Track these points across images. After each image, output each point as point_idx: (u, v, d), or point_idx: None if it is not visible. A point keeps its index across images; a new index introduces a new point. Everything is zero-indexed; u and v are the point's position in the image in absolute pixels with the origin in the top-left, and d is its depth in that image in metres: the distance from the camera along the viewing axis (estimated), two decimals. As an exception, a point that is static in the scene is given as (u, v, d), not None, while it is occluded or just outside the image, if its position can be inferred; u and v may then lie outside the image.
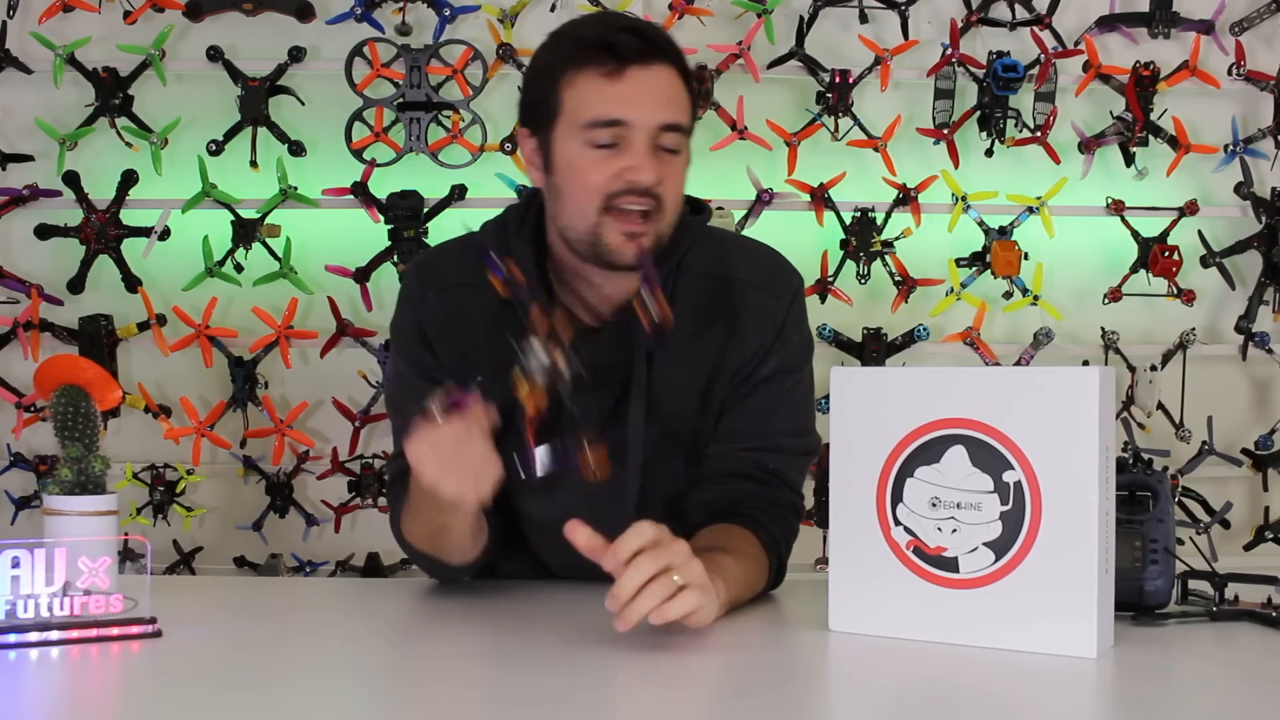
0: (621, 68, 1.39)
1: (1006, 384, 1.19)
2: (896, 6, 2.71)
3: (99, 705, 1.07)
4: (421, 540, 1.47)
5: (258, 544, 2.76)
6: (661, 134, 1.41)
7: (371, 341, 2.69)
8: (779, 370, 1.51)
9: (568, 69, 1.42)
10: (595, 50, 1.40)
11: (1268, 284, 2.76)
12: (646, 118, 1.39)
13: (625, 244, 1.41)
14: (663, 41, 1.43)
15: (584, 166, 1.41)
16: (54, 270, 2.73)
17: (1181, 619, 1.32)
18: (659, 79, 1.41)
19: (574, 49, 1.42)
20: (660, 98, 1.40)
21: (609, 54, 1.39)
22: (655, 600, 1.16)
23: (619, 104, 1.39)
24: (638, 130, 1.39)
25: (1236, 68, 2.73)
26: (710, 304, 1.51)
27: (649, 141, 1.40)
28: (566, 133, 1.42)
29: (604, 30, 1.42)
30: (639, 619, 1.16)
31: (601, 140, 1.40)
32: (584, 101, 1.40)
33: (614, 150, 1.40)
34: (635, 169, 1.39)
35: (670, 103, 1.41)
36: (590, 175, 1.41)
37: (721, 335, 1.50)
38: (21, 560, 1.19)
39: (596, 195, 1.40)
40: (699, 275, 1.51)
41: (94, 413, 1.47)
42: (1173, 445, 2.72)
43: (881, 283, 2.73)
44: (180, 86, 2.72)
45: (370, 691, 1.10)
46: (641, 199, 1.40)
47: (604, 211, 1.41)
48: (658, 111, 1.40)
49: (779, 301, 1.52)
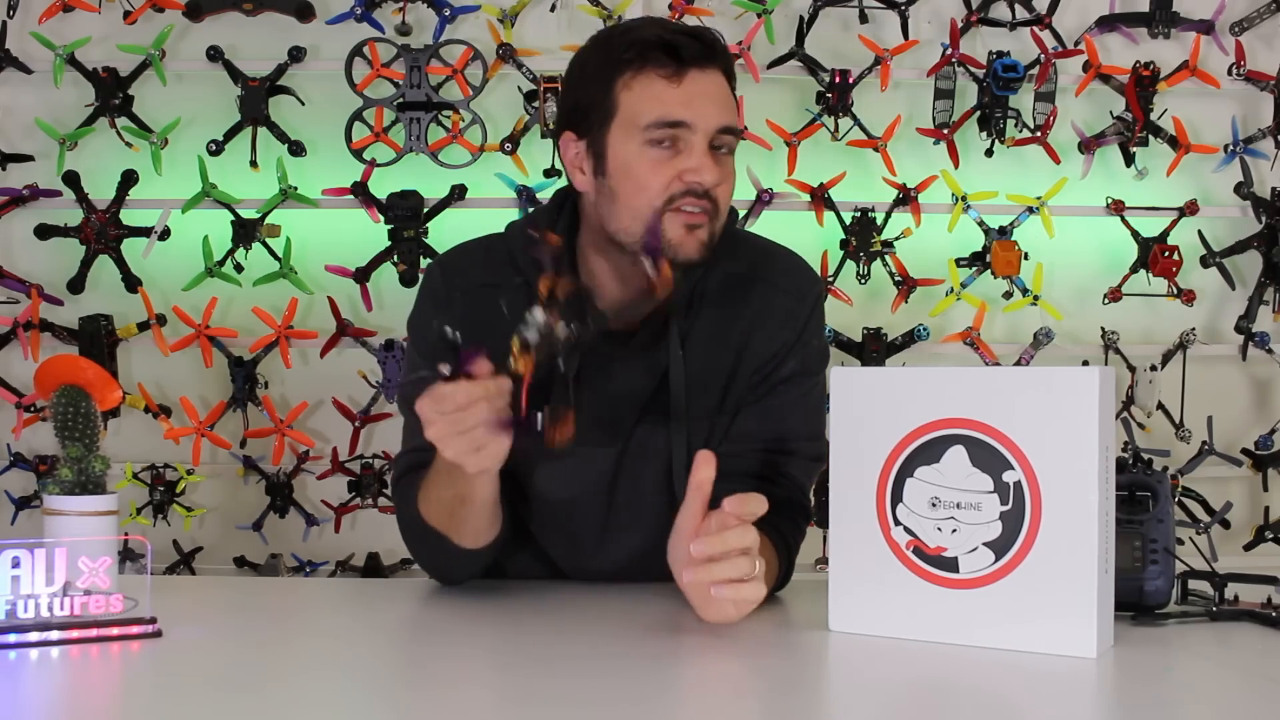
0: (683, 70, 1.40)
1: (1006, 384, 1.19)
2: (896, 6, 2.71)
3: (99, 705, 1.07)
4: (437, 517, 1.44)
5: (258, 544, 2.76)
6: (719, 136, 1.42)
7: (371, 341, 2.69)
8: (797, 373, 1.52)
9: (624, 71, 1.42)
10: (656, 52, 1.41)
11: (1268, 284, 2.76)
12: (707, 120, 1.41)
13: (686, 237, 1.42)
14: (719, 47, 1.45)
15: (643, 167, 1.41)
16: (54, 270, 2.73)
17: (1181, 619, 1.32)
18: (715, 83, 1.43)
19: (632, 51, 1.42)
20: (718, 101, 1.42)
21: (670, 56, 1.40)
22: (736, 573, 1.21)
23: (681, 105, 1.40)
24: (698, 132, 1.41)
25: (1236, 68, 2.73)
26: (734, 303, 1.52)
27: (707, 144, 1.41)
28: (623, 134, 1.42)
29: (662, 32, 1.43)
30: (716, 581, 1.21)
31: (662, 140, 1.41)
32: (644, 103, 1.41)
33: (672, 151, 1.41)
34: (696, 170, 1.40)
35: (727, 106, 1.44)
36: (650, 176, 1.41)
37: (744, 334, 1.51)
38: (21, 560, 1.19)
39: (658, 196, 1.41)
40: (724, 274, 1.52)
41: (94, 413, 1.47)
42: (1173, 445, 2.72)
43: (881, 283, 2.73)
44: (180, 86, 2.72)
45: (370, 692, 1.10)
46: (700, 200, 1.41)
47: (661, 211, 1.41)
48: (717, 114, 1.41)
49: (802, 304, 1.53)
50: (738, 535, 1.22)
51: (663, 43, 1.40)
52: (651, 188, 1.41)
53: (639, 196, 1.42)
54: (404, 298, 2.70)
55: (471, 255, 1.59)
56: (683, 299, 1.50)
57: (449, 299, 1.53)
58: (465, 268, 1.56)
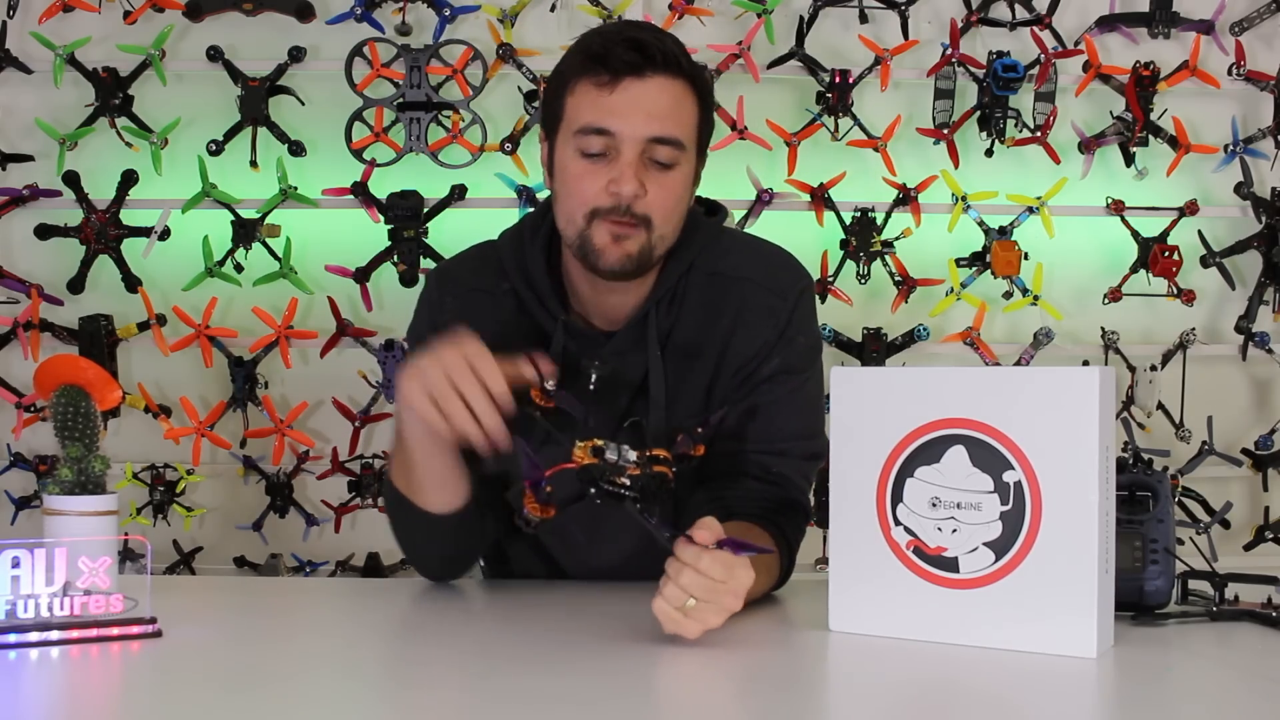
0: (615, 79, 1.40)
1: (1006, 384, 1.19)
2: (896, 6, 2.71)
3: (99, 705, 1.07)
4: (401, 479, 1.46)
5: (258, 544, 2.76)
6: (652, 147, 1.40)
7: (371, 341, 2.69)
8: (781, 371, 1.51)
9: (570, 78, 1.43)
10: (593, 61, 1.41)
11: (1268, 284, 2.76)
12: (634, 129, 1.39)
13: (609, 246, 1.42)
14: (663, 54, 1.41)
15: (575, 173, 1.42)
16: (54, 270, 2.73)
17: (1181, 619, 1.32)
18: (655, 91, 1.40)
19: (578, 58, 1.43)
20: (651, 111, 1.40)
21: (602, 65, 1.40)
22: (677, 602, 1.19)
23: (607, 114, 1.40)
24: (626, 141, 1.40)
25: (1236, 68, 2.73)
26: (716, 302, 1.51)
27: (636, 154, 1.40)
28: (565, 139, 1.44)
29: (605, 41, 1.42)
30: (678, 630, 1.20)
31: (591, 149, 1.41)
32: (580, 109, 1.42)
33: (604, 161, 1.41)
34: (617, 180, 1.40)
35: (664, 116, 1.41)
36: (579, 183, 1.42)
37: (725, 334, 1.50)
38: (21, 560, 1.19)
39: (586, 203, 1.42)
40: (706, 274, 1.52)
41: (94, 413, 1.47)
42: (1173, 445, 2.72)
43: (881, 283, 2.73)
44: (180, 86, 2.72)
45: (370, 691, 1.10)
46: (624, 219, 1.41)
47: (591, 218, 1.42)
48: (646, 124, 1.40)
49: (784, 301, 1.52)
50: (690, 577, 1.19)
51: (601, 51, 1.40)
52: (579, 193, 1.42)
53: (571, 201, 1.43)
54: (404, 298, 2.70)
55: (465, 262, 1.62)
56: (663, 299, 1.50)
57: (440, 303, 1.56)
58: (458, 274, 1.59)
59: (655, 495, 1.23)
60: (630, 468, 1.22)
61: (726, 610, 1.20)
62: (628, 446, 1.24)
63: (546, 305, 1.51)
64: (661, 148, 1.41)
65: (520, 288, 1.52)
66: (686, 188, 1.46)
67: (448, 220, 2.69)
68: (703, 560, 1.18)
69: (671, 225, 1.46)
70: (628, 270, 1.44)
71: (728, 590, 1.19)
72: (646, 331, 1.49)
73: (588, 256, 1.44)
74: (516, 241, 1.55)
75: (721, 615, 1.20)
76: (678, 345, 1.50)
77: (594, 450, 1.22)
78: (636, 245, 1.42)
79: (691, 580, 1.18)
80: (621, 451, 1.23)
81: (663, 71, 1.40)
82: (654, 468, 1.23)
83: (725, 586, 1.19)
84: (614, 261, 1.42)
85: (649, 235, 1.43)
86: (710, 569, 1.18)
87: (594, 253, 1.43)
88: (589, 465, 1.22)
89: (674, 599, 1.18)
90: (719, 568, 1.18)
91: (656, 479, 1.23)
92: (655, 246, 1.44)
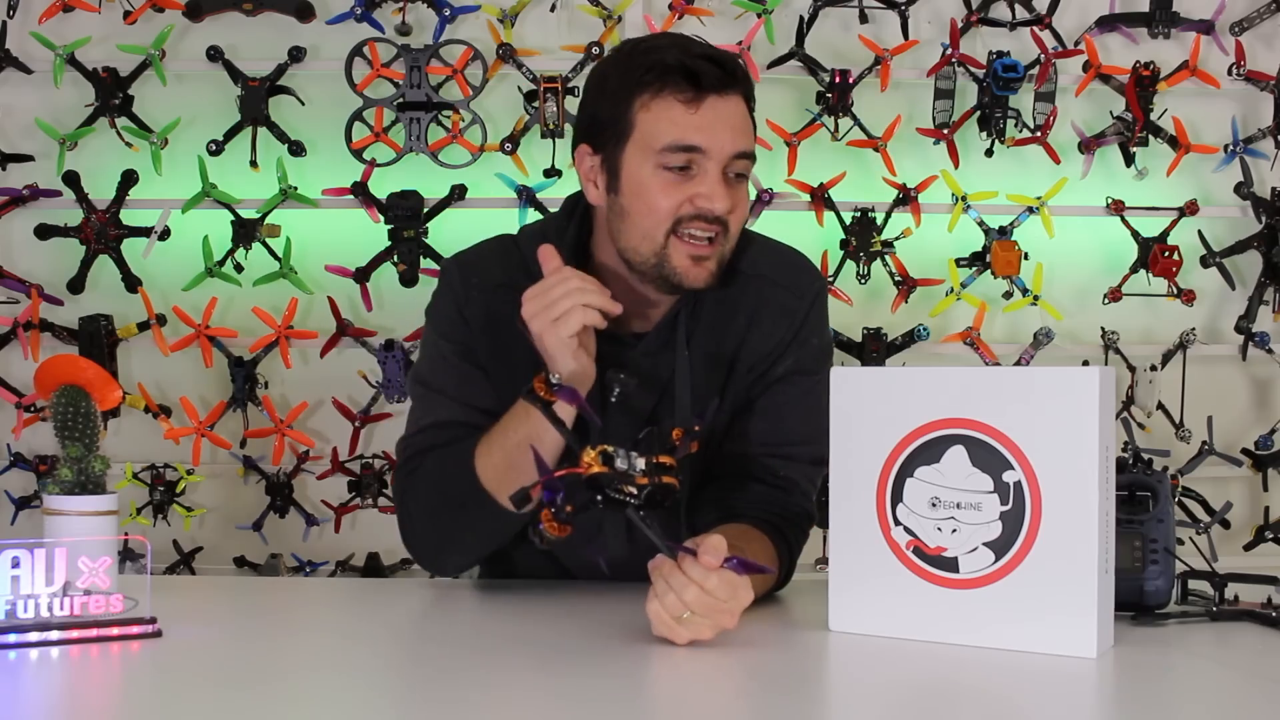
0: (701, 96, 1.41)
1: (1006, 384, 1.19)
2: (896, 6, 2.71)
3: (99, 705, 1.07)
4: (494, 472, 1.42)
5: (258, 544, 2.76)
6: (734, 162, 1.43)
7: (371, 341, 2.69)
8: (793, 371, 1.51)
9: (643, 91, 1.43)
10: (676, 76, 1.42)
11: (1268, 284, 2.76)
12: (722, 146, 1.42)
13: (692, 268, 1.44)
14: (740, 72, 1.46)
15: (656, 189, 1.43)
16: (54, 270, 2.73)
17: (1181, 619, 1.32)
18: (734, 109, 1.44)
19: (652, 73, 1.43)
20: (735, 127, 1.43)
21: (690, 81, 1.41)
22: (675, 612, 1.19)
23: (697, 131, 1.41)
24: (713, 158, 1.42)
25: (1236, 68, 2.73)
26: (732, 300, 1.52)
27: (721, 169, 1.42)
28: (638, 154, 1.44)
29: (684, 56, 1.43)
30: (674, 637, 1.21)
31: (675, 164, 1.42)
32: (661, 126, 1.42)
33: (686, 175, 1.43)
34: (708, 197, 1.42)
35: (743, 132, 1.45)
36: (662, 199, 1.43)
37: (741, 332, 1.51)
38: (21, 560, 1.19)
39: (667, 219, 1.43)
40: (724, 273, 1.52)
41: (94, 413, 1.47)
42: (1173, 445, 2.72)
43: (881, 283, 2.73)
44: (180, 86, 2.72)
45: (370, 691, 1.10)
46: (710, 226, 1.43)
47: (670, 235, 1.43)
48: (732, 140, 1.43)
49: (800, 301, 1.53)
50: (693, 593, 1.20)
51: (684, 67, 1.42)
52: (661, 210, 1.43)
53: (648, 218, 1.44)
54: (404, 298, 2.70)
55: (486, 256, 1.61)
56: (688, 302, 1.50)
57: (466, 296, 1.55)
58: (481, 267, 1.58)
59: (660, 505, 1.23)
60: (639, 476, 1.22)
61: (721, 628, 1.21)
62: (636, 454, 1.24)
63: None
64: (740, 161, 1.45)
65: None
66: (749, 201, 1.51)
67: (448, 220, 2.69)
68: (710, 580, 1.18)
69: (738, 235, 1.49)
70: (713, 285, 1.47)
71: (727, 610, 1.20)
72: (675, 333, 1.50)
73: (668, 276, 1.45)
74: (542, 240, 1.54)
75: (714, 631, 1.21)
76: (696, 344, 1.51)
77: (603, 457, 1.21)
78: (716, 261, 1.46)
79: (695, 598, 1.18)
80: (631, 459, 1.23)
81: (740, 88, 1.45)
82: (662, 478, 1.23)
83: (725, 606, 1.20)
84: (699, 280, 1.45)
85: (723, 248, 1.46)
86: (716, 590, 1.19)
87: (676, 273, 1.44)
88: (598, 474, 1.21)
89: (673, 609, 1.19)
90: (724, 589, 1.19)
91: (663, 489, 1.23)
92: (726, 257, 1.47)
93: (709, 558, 1.18)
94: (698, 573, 1.18)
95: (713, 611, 1.19)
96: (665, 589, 1.19)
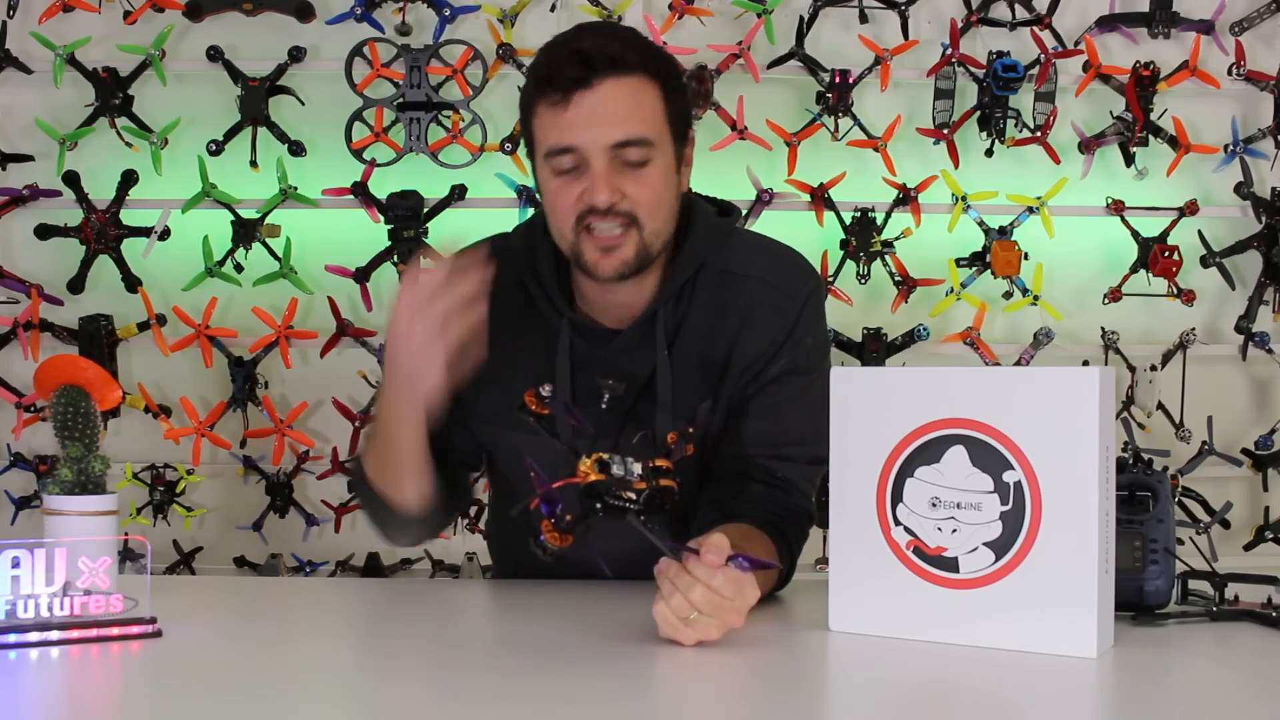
0: (565, 96, 1.41)
1: (1006, 384, 1.19)
2: (896, 6, 2.71)
3: (99, 705, 1.07)
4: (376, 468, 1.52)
5: (258, 544, 2.76)
6: (619, 151, 1.42)
7: (371, 341, 2.69)
8: (787, 371, 1.51)
9: (531, 103, 1.47)
10: (543, 84, 1.44)
11: (1268, 284, 2.76)
12: (594, 139, 1.42)
13: (601, 259, 1.45)
14: (607, 57, 1.41)
15: (552, 193, 1.46)
16: (54, 270, 2.73)
17: (1181, 619, 1.32)
18: (606, 98, 1.41)
19: (532, 82, 1.46)
20: (608, 117, 1.41)
21: (551, 85, 1.42)
22: (683, 613, 1.19)
23: (566, 131, 1.42)
24: (591, 152, 1.42)
25: (1236, 68, 2.73)
26: (724, 301, 1.52)
27: (605, 162, 1.42)
28: (540, 163, 1.47)
29: (550, 61, 1.44)
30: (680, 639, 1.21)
31: (563, 167, 1.44)
32: (544, 132, 1.45)
33: (575, 174, 1.44)
34: (591, 191, 1.42)
35: (622, 118, 1.42)
36: (558, 200, 1.45)
37: (733, 332, 1.51)
38: (21, 560, 1.19)
39: (568, 218, 1.45)
40: (716, 272, 1.53)
41: (94, 413, 1.47)
42: (1173, 445, 2.72)
43: (881, 283, 2.73)
44: (180, 86, 2.72)
45: (370, 691, 1.10)
46: (606, 218, 1.43)
47: (581, 232, 1.45)
48: (605, 131, 1.41)
49: (792, 301, 1.52)
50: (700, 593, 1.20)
51: (548, 70, 1.43)
52: (559, 211, 1.46)
53: (555, 219, 1.47)
54: (404, 298, 2.69)
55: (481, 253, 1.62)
56: (670, 297, 1.50)
57: None
58: None
59: (660, 508, 1.22)
60: (636, 481, 1.21)
61: (727, 627, 1.21)
62: (632, 459, 1.23)
63: (554, 302, 1.52)
64: (628, 149, 1.43)
65: (529, 282, 1.53)
66: (667, 178, 1.47)
67: (448, 220, 2.69)
68: (716, 579, 1.18)
69: (661, 218, 1.47)
70: (626, 274, 1.46)
71: (733, 608, 1.20)
72: (654, 330, 1.49)
73: (585, 270, 1.47)
74: (528, 238, 1.57)
75: (722, 631, 1.21)
76: (685, 344, 1.51)
77: (600, 465, 1.21)
78: (631, 249, 1.45)
79: (702, 597, 1.18)
80: (627, 465, 1.22)
81: (610, 74, 1.41)
82: (659, 481, 1.22)
83: (732, 605, 1.20)
84: (610, 270, 1.45)
85: (640, 234, 1.45)
86: (722, 588, 1.18)
87: (588, 266, 1.46)
88: (595, 481, 1.21)
89: (679, 610, 1.19)
90: (730, 587, 1.19)
91: (662, 492, 1.22)
92: (650, 243, 1.46)
93: (713, 556, 1.18)
94: (703, 572, 1.18)
95: (720, 610, 1.19)
96: (671, 590, 1.19)
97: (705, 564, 1.18)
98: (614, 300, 1.52)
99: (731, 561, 1.19)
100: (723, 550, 1.19)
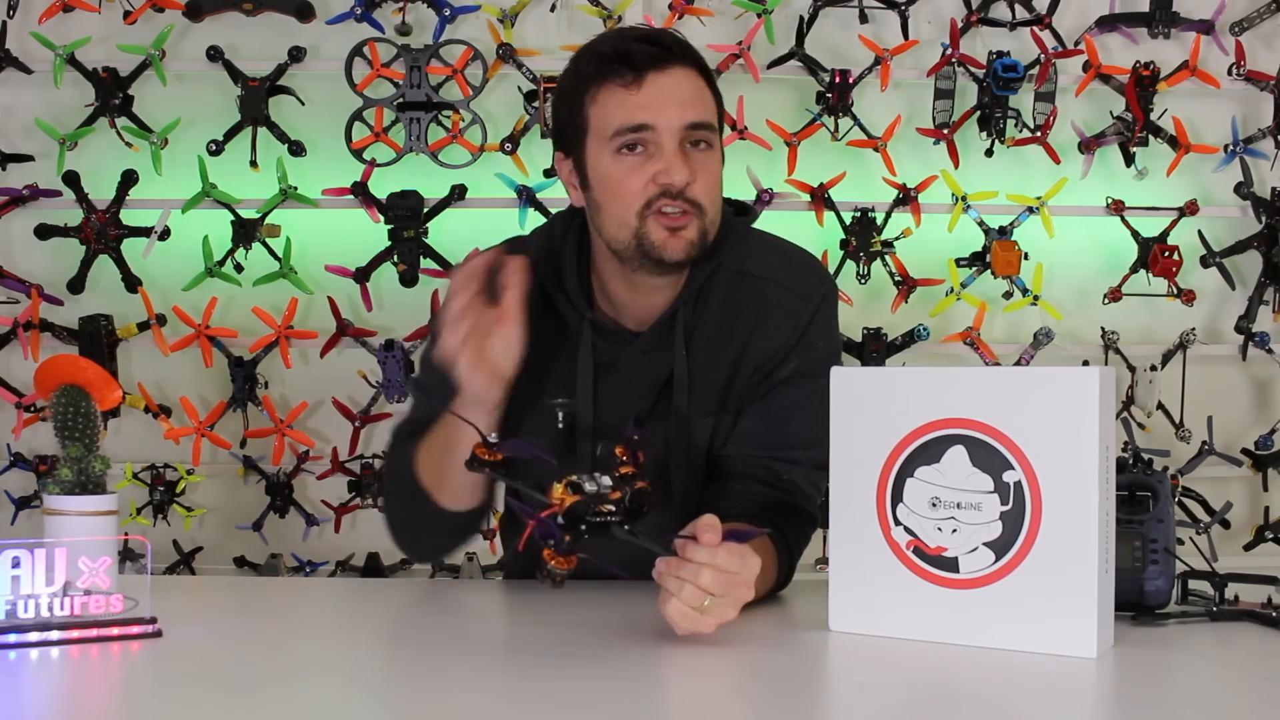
0: (640, 76, 1.42)
1: (1006, 384, 1.19)
2: (896, 6, 2.71)
3: (99, 705, 1.07)
4: (428, 471, 1.48)
5: (258, 544, 2.76)
6: (689, 133, 1.43)
7: (371, 341, 2.69)
8: (798, 374, 1.51)
9: (590, 86, 1.45)
10: (614, 63, 1.43)
11: (1268, 284, 2.76)
12: (670, 119, 1.42)
13: (669, 239, 1.43)
14: (677, 45, 1.46)
15: (618, 175, 1.44)
16: (54, 270, 2.73)
17: (1181, 619, 1.32)
18: (678, 81, 1.44)
19: (593, 66, 1.45)
20: (681, 99, 1.43)
21: (626, 64, 1.42)
22: (694, 602, 1.19)
23: (642, 109, 1.42)
24: (664, 133, 1.42)
25: (1236, 68, 2.73)
26: (738, 301, 1.52)
27: (677, 143, 1.42)
28: (596, 147, 1.45)
29: (619, 43, 1.45)
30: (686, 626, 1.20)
31: (630, 146, 1.43)
32: (609, 113, 1.43)
33: (644, 155, 1.43)
34: (665, 171, 1.42)
35: (694, 102, 1.44)
36: (625, 183, 1.43)
37: (745, 333, 1.51)
38: (21, 560, 1.19)
39: (635, 200, 1.43)
40: (732, 273, 1.53)
41: (94, 413, 1.47)
42: (1173, 445, 2.72)
43: (881, 283, 2.73)
44: (180, 86, 2.72)
45: (370, 691, 1.10)
46: (676, 202, 1.43)
47: (644, 215, 1.43)
48: (680, 112, 1.42)
49: (805, 303, 1.53)
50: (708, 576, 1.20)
51: (618, 53, 1.43)
52: (628, 194, 1.44)
53: (618, 204, 1.45)
54: (404, 298, 2.70)
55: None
56: (689, 298, 1.50)
57: None
58: None
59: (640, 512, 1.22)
60: (611, 493, 1.21)
61: (740, 601, 1.21)
62: (599, 474, 1.23)
63: (574, 303, 1.52)
64: (697, 132, 1.44)
65: (549, 284, 1.53)
66: (721, 171, 1.49)
67: (448, 220, 2.69)
68: (719, 556, 1.19)
69: (717, 208, 1.48)
70: (692, 257, 1.45)
71: (741, 581, 1.21)
72: (674, 330, 1.50)
73: (649, 254, 1.44)
74: (548, 239, 1.57)
75: (736, 608, 1.21)
76: (700, 343, 1.51)
77: (571, 487, 1.20)
78: (695, 231, 1.44)
79: (711, 579, 1.18)
80: (597, 480, 1.22)
81: (680, 62, 1.44)
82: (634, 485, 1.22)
83: (740, 577, 1.20)
84: (678, 252, 1.44)
85: (703, 220, 1.45)
86: (727, 564, 1.19)
87: (655, 248, 1.44)
88: (572, 505, 1.20)
89: (693, 600, 1.19)
90: (733, 560, 1.19)
91: (638, 495, 1.22)
92: (709, 231, 1.46)
93: (710, 535, 1.19)
94: (704, 554, 1.18)
95: (730, 586, 1.19)
96: (679, 584, 1.19)
97: (704, 544, 1.18)
98: (642, 302, 1.52)
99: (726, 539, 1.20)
100: (716, 527, 1.20)
